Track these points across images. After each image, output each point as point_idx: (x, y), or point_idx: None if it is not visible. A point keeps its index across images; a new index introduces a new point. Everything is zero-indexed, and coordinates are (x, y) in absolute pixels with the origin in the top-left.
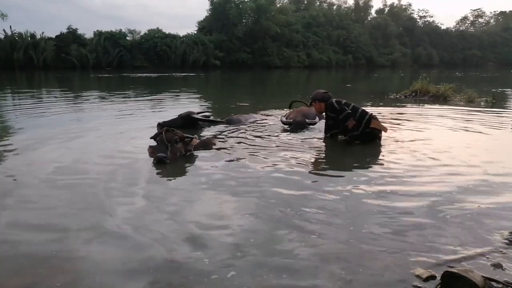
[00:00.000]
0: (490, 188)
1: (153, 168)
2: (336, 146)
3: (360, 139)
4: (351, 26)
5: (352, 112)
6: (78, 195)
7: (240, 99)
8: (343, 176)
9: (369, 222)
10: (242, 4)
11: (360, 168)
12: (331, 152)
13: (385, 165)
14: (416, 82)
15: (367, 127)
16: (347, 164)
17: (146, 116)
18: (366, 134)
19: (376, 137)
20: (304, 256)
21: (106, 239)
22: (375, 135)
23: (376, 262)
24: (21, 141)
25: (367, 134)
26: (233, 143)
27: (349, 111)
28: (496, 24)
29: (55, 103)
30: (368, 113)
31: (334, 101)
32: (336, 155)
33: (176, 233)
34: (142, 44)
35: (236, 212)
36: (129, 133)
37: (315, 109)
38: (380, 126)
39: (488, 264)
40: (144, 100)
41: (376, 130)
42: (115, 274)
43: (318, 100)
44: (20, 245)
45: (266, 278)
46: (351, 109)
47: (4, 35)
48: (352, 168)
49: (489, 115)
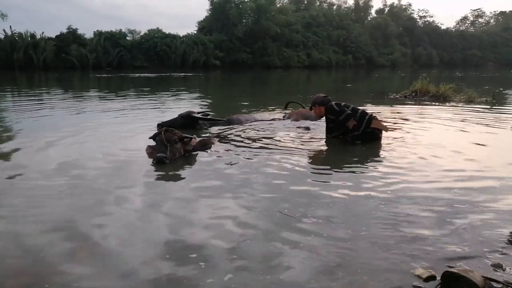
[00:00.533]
0: (491, 188)
1: (152, 168)
2: (336, 147)
3: (361, 139)
4: (351, 26)
5: (352, 113)
6: (77, 195)
7: (240, 99)
8: (342, 176)
9: (368, 222)
10: (242, 4)
11: (360, 168)
12: (332, 153)
13: (386, 165)
14: (416, 82)
15: (368, 127)
16: (347, 165)
17: (145, 116)
18: (367, 134)
19: (377, 137)
20: (304, 256)
21: (104, 240)
22: (376, 135)
23: (376, 262)
24: (20, 142)
25: (368, 134)
26: (232, 143)
27: (349, 112)
28: (496, 24)
29: (55, 103)
30: (369, 114)
31: (334, 104)
32: (336, 156)
33: (173, 235)
34: (142, 44)
35: (235, 212)
36: (128, 133)
37: (315, 113)
38: (381, 126)
39: (488, 264)
40: (144, 100)
41: (377, 130)
42: (112, 274)
43: (318, 104)
44: (18, 245)
45: (263, 279)
46: (351, 110)
47: (4, 35)
48: (352, 168)
49: (489, 115)
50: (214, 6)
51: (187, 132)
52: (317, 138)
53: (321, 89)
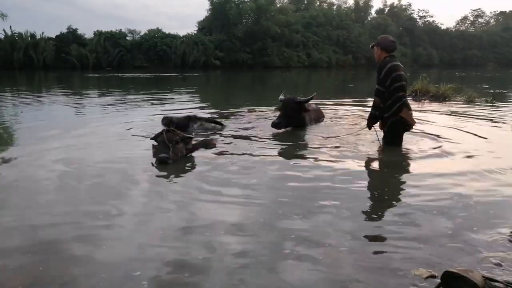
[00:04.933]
0: (491, 187)
1: (153, 168)
2: (334, 146)
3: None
4: (351, 26)
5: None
6: (77, 196)
7: (240, 99)
8: (342, 175)
9: (368, 222)
10: (242, 4)
11: (360, 167)
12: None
13: (386, 165)
14: (416, 82)
15: (396, 114)
16: (346, 165)
17: (145, 116)
18: (392, 124)
19: (399, 132)
20: (304, 257)
21: (105, 240)
22: (400, 127)
23: (376, 261)
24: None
25: (393, 124)
26: (233, 143)
27: (403, 83)
28: (496, 24)
29: (55, 103)
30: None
31: (399, 64)
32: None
33: (176, 234)
34: (142, 44)
35: (235, 213)
36: (128, 133)
37: (375, 54)
38: (410, 118)
39: (488, 264)
40: (144, 100)
41: (405, 121)
42: (115, 273)
43: (381, 47)
44: (19, 244)
45: (263, 279)
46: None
47: (4, 35)
48: (352, 168)
49: (489, 114)
50: (214, 6)
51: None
52: (319, 137)
53: (321, 89)
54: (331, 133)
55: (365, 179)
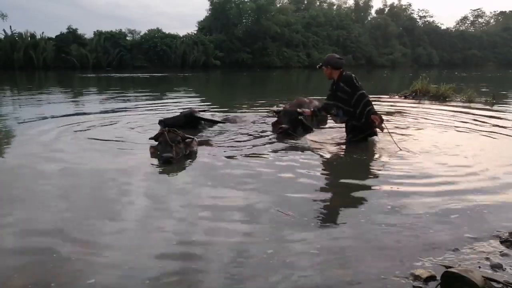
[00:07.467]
0: (491, 187)
1: (153, 168)
2: (331, 146)
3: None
4: (351, 26)
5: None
6: (77, 196)
7: (240, 99)
8: (342, 175)
9: (368, 222)
10: (242, 4)
11: (360, 167)
12: (327, 152)
13: (386, 164)
14: (416, 82)
15: (367, 119)
16: (345, 165)
17: (145, 116)
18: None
19: (369, 134)
20: (303, 256)
21: (106, 239)
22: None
23: (376, 261)
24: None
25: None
26: (231, 144)
27: (363, 91)
28: (496, 24)
29: (55, 103)
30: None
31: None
32: (336, 155)
33: (174, 234)
34: (142, 44)
35: (235, 213)
36: (128, 132)
37: (325, 74)
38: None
39: (488, 264)
40: (144, 100)
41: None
42: (115, 273)
43: (331, 66)
44: (19, 245)
45: (263, 278)
46: None
47: (4, 35)
48: (352, 167)
49: (489, 114)
50: (214, 6)
51: (187, 132)
52: (316, 138)
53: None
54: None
55: (365, 178)
